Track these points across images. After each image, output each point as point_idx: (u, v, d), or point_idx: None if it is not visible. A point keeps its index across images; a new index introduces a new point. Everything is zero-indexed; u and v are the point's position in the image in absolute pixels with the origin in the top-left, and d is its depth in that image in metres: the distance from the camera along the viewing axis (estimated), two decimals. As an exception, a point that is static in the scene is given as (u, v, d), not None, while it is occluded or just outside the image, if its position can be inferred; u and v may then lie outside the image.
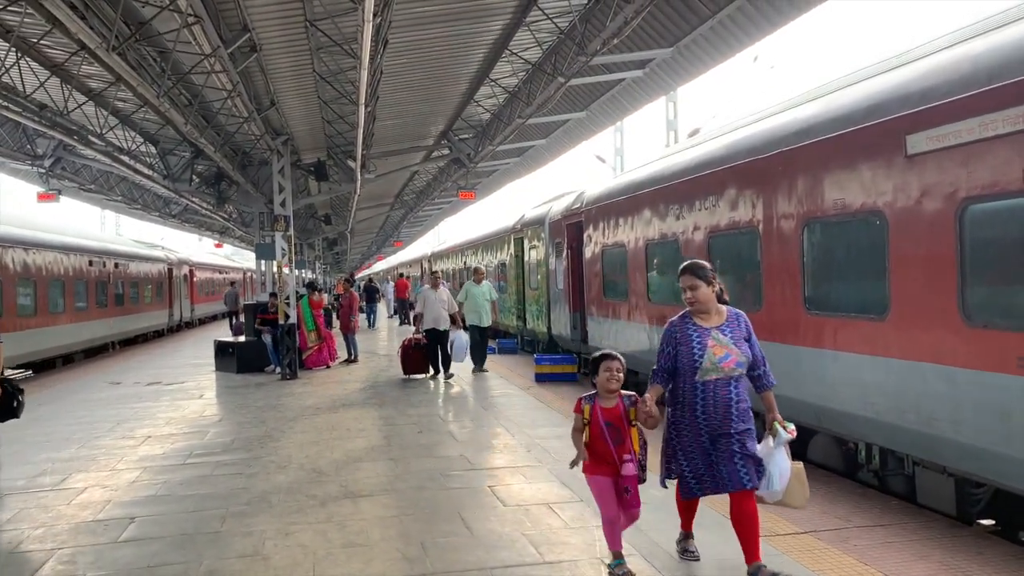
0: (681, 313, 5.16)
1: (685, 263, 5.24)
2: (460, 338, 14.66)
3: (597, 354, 5.15)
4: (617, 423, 4.98)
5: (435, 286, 15.10)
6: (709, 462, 4.95)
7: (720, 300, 5.24)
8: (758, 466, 4.91)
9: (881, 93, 6.88)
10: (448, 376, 14.85)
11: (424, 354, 15.04)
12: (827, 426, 7.65)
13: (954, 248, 5.90)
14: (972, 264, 5.80)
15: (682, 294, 5.12)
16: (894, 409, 6.55)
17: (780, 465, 4.91)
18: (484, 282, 15.88)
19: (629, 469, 4.92)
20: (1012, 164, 5.38)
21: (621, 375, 5.02)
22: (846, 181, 7.13)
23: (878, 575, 5.05)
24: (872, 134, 6.79)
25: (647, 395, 5.00)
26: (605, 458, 5.00)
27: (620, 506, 5.01)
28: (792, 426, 4.99)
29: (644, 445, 5.08)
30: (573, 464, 5.23)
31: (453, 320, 14.85)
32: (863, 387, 6.93)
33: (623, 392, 5.09)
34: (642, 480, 5.06)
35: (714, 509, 6.46)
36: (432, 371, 15.12)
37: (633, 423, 5.01)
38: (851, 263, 7.39)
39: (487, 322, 15.72)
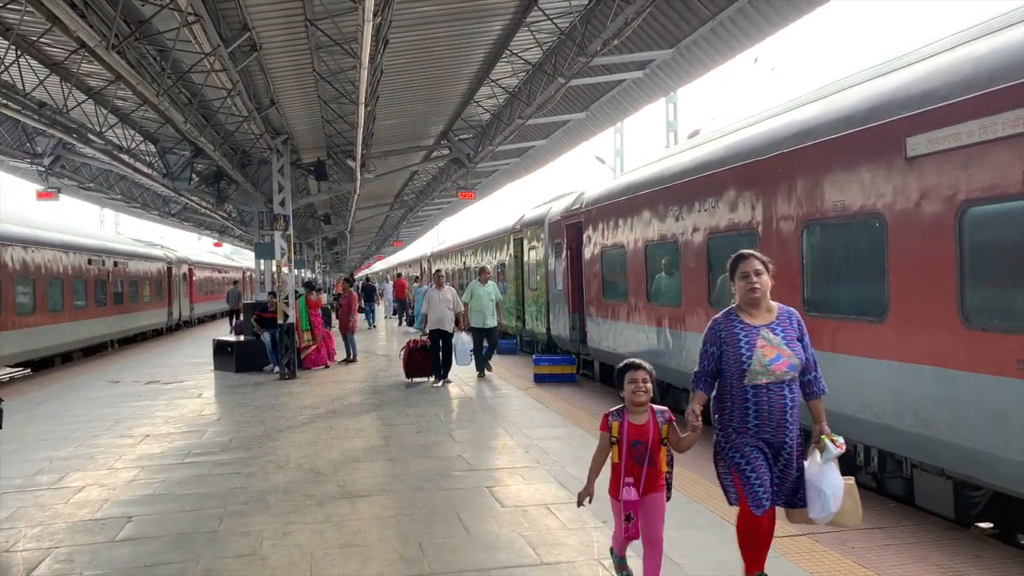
0: (726, 310, 4.68)
1: (742, 250, 4.71)
2: (463, 341, 14.24)
3: (621, 364, 4.65)
4: (645, 441, 4.48)
5: (439, 285, 14.60)
6: (772, 469, 4.50)
7: None
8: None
9: (881, 95, 6.88)
10: (446, 380, 14.38)
11: (428, 357, 14.53)
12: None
13: (953, 250, 5.89)
14: (971, 266, 5.79)
15: (738, 283, 4.58)
16: (892, 412, 6.54)
17: (833, 483, 4.42)
18: (489, 282, 15.50)
19: (630, 494, 4.45)
20: (1012, 167, 5.37)
21: (649, 386, 4.52)
22: (846, 183, 7.13)
23: (876, 578, 5.05)
24: (872, 136, 6.79)
25: (693, 406, 4.50)
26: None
27: (625, 532, 4.55)
28: (841, 439, 4.48)
29: (671, 461, 4.64)
30: (583, 498, 4.68)
31: (457, 321, 14.43)
32: (862, 389, 6.92)
33: (655, 406, 4.60)
34: (668, 498, 4.63)
35: (713, 511, 6.47)
36: (435, 376, 14.54)
37: (664, 441, 4.54)
38: (850, 265, 7.38)
39: (492, 323, 15.28)
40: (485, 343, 15.39)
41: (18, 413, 12.61)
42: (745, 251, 4.66)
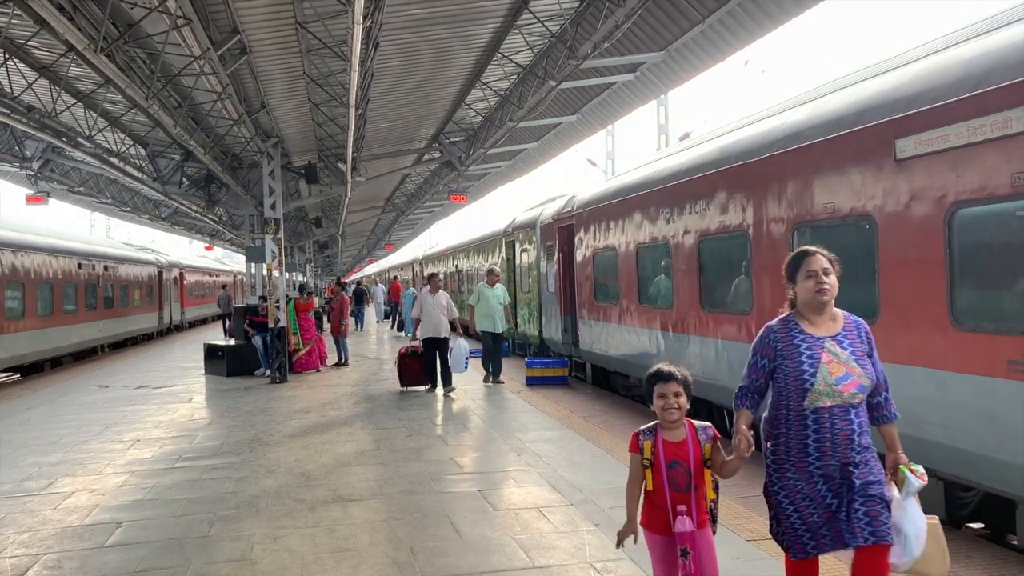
0: (783, 316, 3.99)
1: (806, 246, 4.06)
2: (460, 346, 13.48)
3: (649, 372, 3.98)
4: (686, 462, 3.80)
5: (434, 290, 13.79)
6: (826, 510, 3.75)
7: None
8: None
9: (871, 98, 6.90)
10: (448, 390, 13.54)
11: (422, 364, 13.89)
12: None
13: (943, 252, 5.91)
14: (961, 268, 5.81)
15: (802, 284, 3.87)
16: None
17: (916, 522, 3.71)
18: (498, 284, 14.87)
19: (684, 524, 3.71)
20: (1000, 168, 5.39)
21: (683, 400, 3.85)
22: (836, 185, 7.15)
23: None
24: (862, 138, 6.81)
25: (740, 425, 3.83)
26: (663, 510, 3.82)
27: (682, 572, 3.73)
28: (922, 469, 3.80)
29: (716, 487, 3.96)
30: (625, 537, 3.90)
31: (453, 327, 13.70)
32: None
33: (694, 422, 3.95)
34: (713, 532, 3.90)
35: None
36: (430, 384, 13.88)
37: (707, 463, 3.85)
38: (841, 267, 7.38)
39: (502, 327, 14.64)
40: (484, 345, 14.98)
41: (7, 418, 12.55)
42: (809, 247, 4.01)
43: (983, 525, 6.50)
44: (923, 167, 6.11)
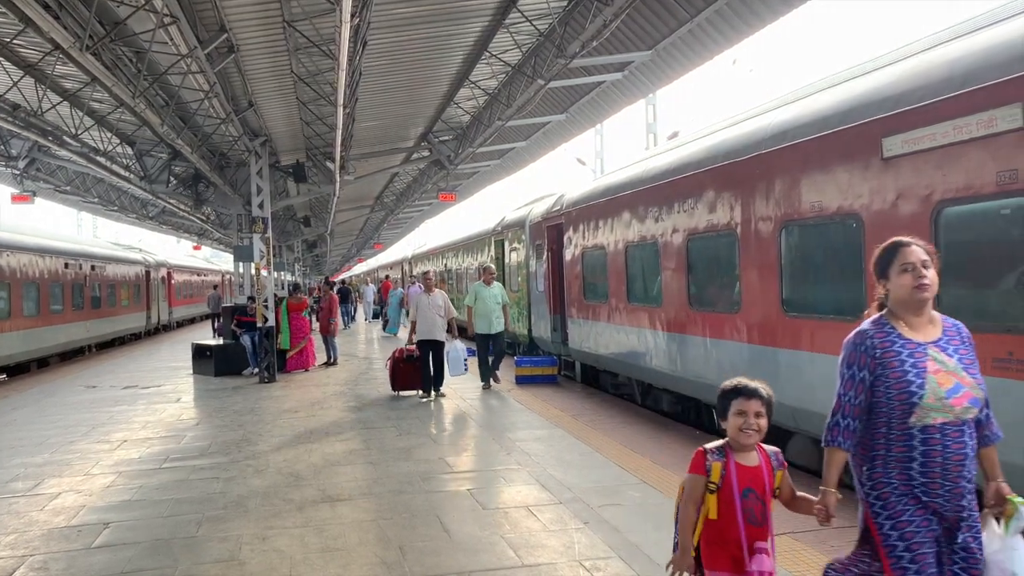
0: (875, 317, 3.46)
1: (899, 237, 3.53)
2: (456, 349, 12.98)
3: (728, 385, 3.44)
4: (760, 490, 3.34)
5: (429, 289, 13.01)
6: (937, 551, 3.24)
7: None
8: None
9: (858, 97, 6.93)
10: (439, 395, 13.02)
11: (417, 368, 13.12)
12: (804, 427, 7.68)
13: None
14: (947, 266, 5.82)
15: (896, 279, 3.37)
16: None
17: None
18: (495, 283, 14.25)
19: (765, 564, 3.28)
20: (985, 167, 5.43)
21: (763, 422, 3.36)
22: (823, 184, 7.17)
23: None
24: (849, 137, 6.84)
25: (831, 476, 3.37)
26: (734, 545, 3.31)
27: None
28: None
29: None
30: (679, 570, 3.43)
31: (449, 328, 13.00)
32: (840, 388, 6.95)
33: (765, 446, 3.49)
34: None
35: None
36: (424, 390, 13.09)
37: (776, 492, 3.42)
38: (828, 265, 7.43)
39: (498, 328, 14.02)
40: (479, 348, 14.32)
41: (-7, 419, 12.47)
42: (903, 237, 3.46)
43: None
44: (909, 166, 6.14)
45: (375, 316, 34.40)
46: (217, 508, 7.01)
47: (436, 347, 12.93)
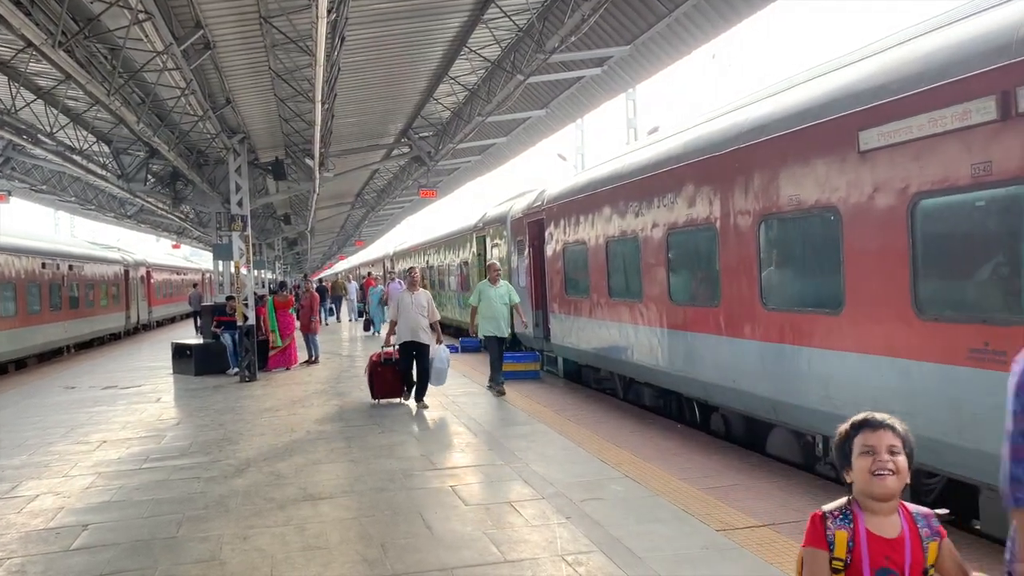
0: None
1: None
2: (441, 357, 11.84)
3: (847, 424, 2.54)
4: (900, 569, 2.39)
5: (412, 287, 12.03)
6: None
7: None
8: None
9: (834, 90, 6.96)
10: (421, 406, 11.74)
11: (397, 373, 12.20)
12: (784, 419, 7.73)
13: (906, 243, 5.98)
14: (924, 258, 5.89)
15: None
16: (851, 402, 6.63)
17: None
18: (502, 282, 13.20)
19: None
20: (960, 160, 5.47)
21: (901, 460, 2.43)
22: (801, 177, 7.21)
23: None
24: (825, 131, 6.87)
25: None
26: None
27: None
28: None
29: None
30: None
31: (433, 330, 11.96)
32: (821, 381, 7.01)
33: (911, 507, 2.53)
34: None
35: (674, 504, 6.51)
36: (405, 393, 12.26)
37: (930, 571, 2.44)
38: (806, 259, 7.48)
39: (507, 331, 12.95)
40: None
41: (-31, 421, 12.33)
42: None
43: (948, 511, 6.60)
44: (886, 159, 6.18)
45: (359, 315, 33.94)
46: (198, 508, 6.96)
47: (420, 350, 11.82)
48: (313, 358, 18.60)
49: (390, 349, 12.14)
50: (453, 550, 5.64)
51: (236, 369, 16.51)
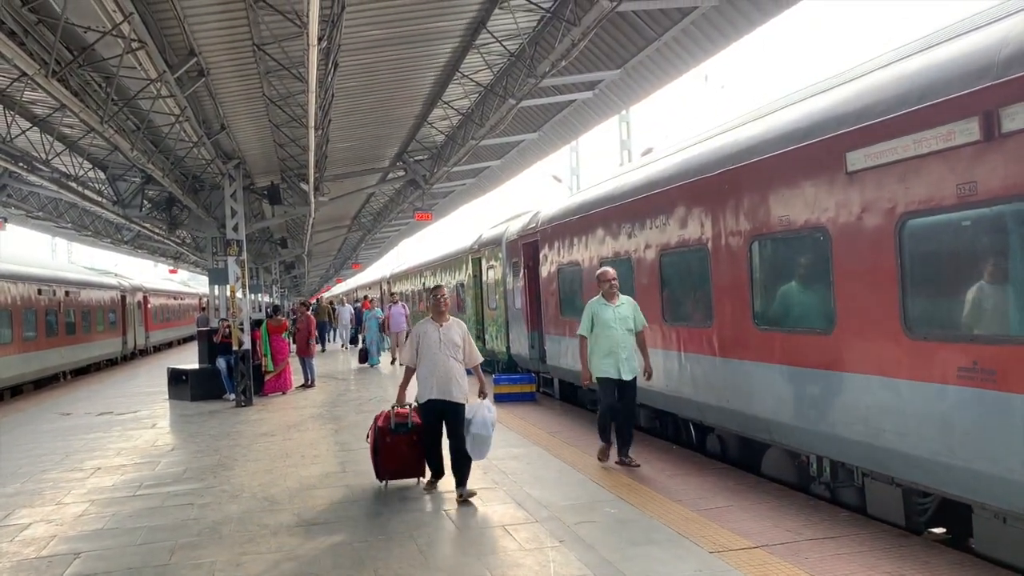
0: None
1: None
2: (482, 415, 7.89)
3: None
4: None
5: (437, 316, 8.04)
6: None
7: None
8: None
9: (821, 112, 7.03)
10: (464, 493, 7.65)
11: (417, 444, 8.23)
12: (779, 439, 7.73)
13: (894, 262, 6.02)
14: (912, 278, 5.92)
15: None
16: (842, 422, 6.64)
17: None
18: (622, 298, 8.93)
19: None
20: (945, 180, 5.52)
21: None
22: (790, 198, 7.26)
23: (828, 587, 5.09)
24: (813, 152, 6.93)
25: None
26: None
27: None
28: None
29: None
30: None
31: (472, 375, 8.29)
32: (813, 401, 7.02)
33: None
34: None
35: (669, 526, 6.49)
36: (431, 476, 8.27)
37: None
38: (797, 279, 7.51)
39: (630, 371, 8.71)
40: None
41: (-37, 450, 12.29)
42: None
43: (945, 530, 6.60)
44: (873, 179, 6.23)
45: (352, 340, 31.50)
46: (191, 535, 6.94)
47: (452, 412, 7.92)
48: (309, 382, 18.56)
49: (405, 409, 8.28)
50: (447, 575, 5.62)
51: (233, 395, 16.46)
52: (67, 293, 26.55)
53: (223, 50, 10.26)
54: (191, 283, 67.38)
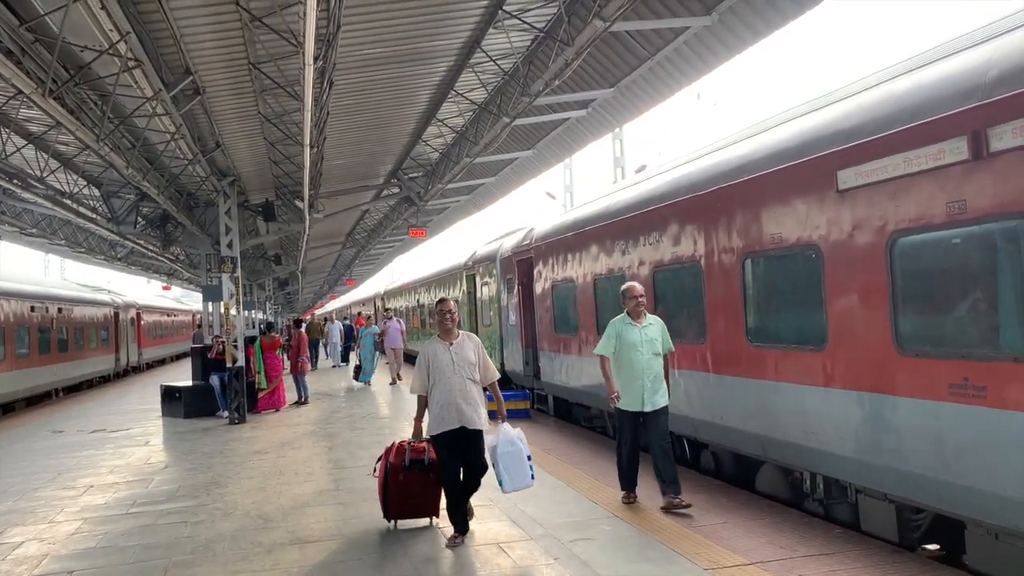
0: None
1: None
2: (509, 442, 7.23)
3: None
4: None
5: (446, 333, 7.23)
6: None
7: None
8: None
9: (812, 130, 7.10)
10: (459, 531, 6.96)
11: (431, 481, 7.29)
12: (773, 456, 7.75)
13: (886, 280, 6.07)
14: (903, 295, 5.97)
15: None
16: (835, 438, 6.67)
17: None
18: (649, 318, 7.95)
19: None
20: (935, 198, 5.58)
21: None
22: (782, 216, 7.31)
23: (822, 604, 5.10)
24: (805, 170, 6.99)
25: None
26: None
27: None
28: None
29: None
30: None
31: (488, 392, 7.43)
32: (805, 417, 7.05)
33: None
34: None
35: (665, 543, 6.50)
36: (458, 531, 6.98)
37: None
38: (790, 296, 7.55)
39: (657, 400, 7.70)
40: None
41: (-45, 468, 12.22)
42: None
43: (939, 547, 6.61)
44: (864, 197, 6.29)
45: (343, 358, 30.84)
46: (184, 553, 6.92)
47: (471, 441, 7.06)
48: (302, 399, 18.52)
49: (423, 444, 7.28)
50: (440, 593, 5.62)
51: (227, 412, 16.42)
52: (60, 310, 26.49)
53: (219, 69, 10.32)
54: (184, 300, 67.20)
